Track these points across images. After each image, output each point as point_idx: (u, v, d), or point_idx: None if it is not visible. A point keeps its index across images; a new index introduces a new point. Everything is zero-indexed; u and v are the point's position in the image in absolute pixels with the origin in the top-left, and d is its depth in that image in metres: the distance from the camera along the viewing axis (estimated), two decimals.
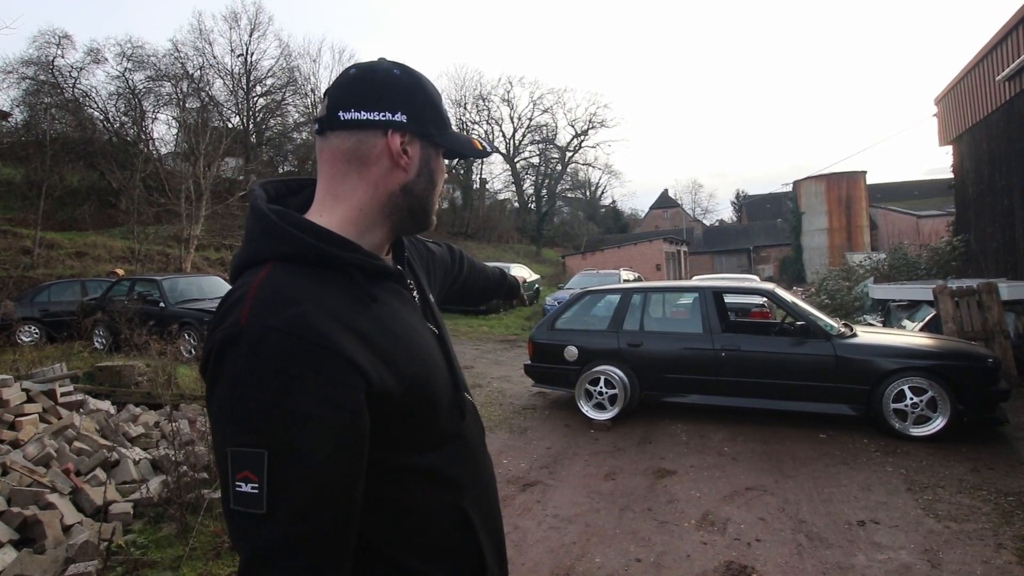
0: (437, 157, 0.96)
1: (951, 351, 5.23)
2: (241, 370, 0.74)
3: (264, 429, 0.72)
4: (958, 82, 12.06)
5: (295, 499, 0.72)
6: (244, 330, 0.75)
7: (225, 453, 0.73)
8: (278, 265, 0.83)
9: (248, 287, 0.80)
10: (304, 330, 0.75)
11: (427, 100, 0.93)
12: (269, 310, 0.76)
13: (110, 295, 10.36)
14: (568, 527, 3.65)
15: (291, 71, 30.61)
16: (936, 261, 12.67)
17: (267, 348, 0.74)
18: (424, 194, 0.95)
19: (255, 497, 0.71)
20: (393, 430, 0.83)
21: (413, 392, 0.85)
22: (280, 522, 0.71)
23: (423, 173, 0.93)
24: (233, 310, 0.78)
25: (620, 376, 5.87)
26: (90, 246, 17.20)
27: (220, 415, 0.75)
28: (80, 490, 3.58)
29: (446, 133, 0.96)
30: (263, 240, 0.85)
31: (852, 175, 31.62)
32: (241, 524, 0.72)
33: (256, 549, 0.71)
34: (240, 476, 0.72)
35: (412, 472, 0.87)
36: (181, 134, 21.99)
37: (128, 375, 6.32)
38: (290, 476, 0.72)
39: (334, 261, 0.85)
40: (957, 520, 3.54)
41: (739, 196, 66.52)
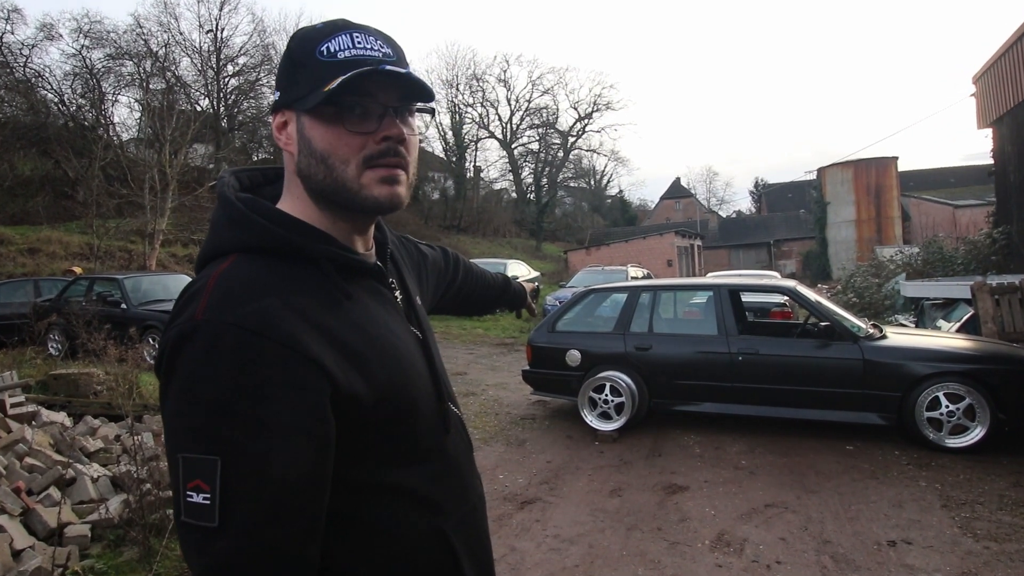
0: (315, 123, 0.85)
1: (991, 354, 5.24)
2: (195, 369, 0.73)
3: (217, 434, 0.71)
4: (999, 58, 12.07)
5: (250, 512, 0.71)
6: (200, 326, 0.74)
7: (176, 460, 0.73)
8: (243, 257, 0.83)
9: (207, 279, 0.79)
10: (264, 327, 0.75)
11: (292, 60, 0.87)
12: (227, 305, 0.76)
13: (66, 296, 10.36)
14: (570, 548, 3.65)
15: (266, 49, 30.63)
16: (974, 255, 12.70)
17: (223, 346, 0.73)
18: (312, 172, 0.86)
19: (207, 509, 0.70)
20: (365, 442, 0.82)
21: (388, 400, 0.85)
22: (233, 537, 0.70)
23: (303, 149, 0.86)
24: (190, 304, 0.78)
25: (627, 383, 5.88)
26: (44, 242, 17.18)
27: (172, 418, 0.75)
28: (32, 511, 3.57)
29: (307, 93, 0.83)
30: (227, 230, 0.85)
31: (882, 161, 31.71)
32: (192, 538, 0.72)
33: (207, 566, 0.70)
34: (191, 485, 0.71)
35: (386, 491, 0.86)
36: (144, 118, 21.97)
37: (86, 384, 6.30)
38: (245, 486, 0.71)
39: (303, 253, 0.85)
40: (998, 540, 3.55)
41: (758, 185, 66.64)
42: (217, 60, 29.03)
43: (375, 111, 0.85)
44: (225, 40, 29.29)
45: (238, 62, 30.02)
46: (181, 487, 0.72)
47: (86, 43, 24.09)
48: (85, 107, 24.31)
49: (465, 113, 41.74)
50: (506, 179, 46.73)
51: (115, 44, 25.14)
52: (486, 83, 43.06)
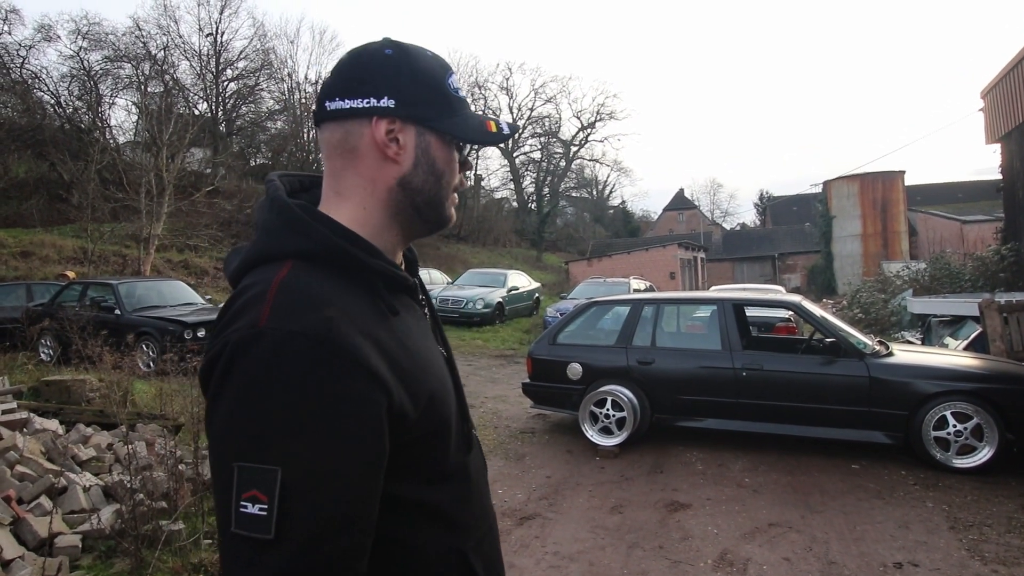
0: (441, 144, 0.93)
1: (999, 373, 5.25)
2: (258, 377, 0.73)
3: (279, 444, 0.72)
4: (1007, 73, 12.16)
5: (308, 524, 0.71)
6: (264, 333, 0.74)
7: (231, 469, 0.72)
8: (300, 264, 0.83)
9: (268, 285, 0.79)
10: (330, 338, 0.75)
11: (422, 80, 0.91)
12: (293, 313, 0.76)
13: (59, 300, 10.35)
14: (570, 566, 3.64)
15: (266, 53, 30.85)
16: (982, 272, 12.73)
17: (289, 355, 0.73)
18: (426, 187, 0.93)
19: (262, 520, 0.70)
20: (403, 458, 0.83)
21: (427, 417, 0.86)
22: (288, 550, 0.70)
23: (421, 164, 0.91)
24: (249, 309, 0.78)
25: (629, 397, 5.88)
26: (37, 245, 17.17)
27: (227, 426, 0.74)
28: (22, 520, 3.56)
29: (448, 117, 0.93)
30: (284, 234, 0.86)
31: (889, 175, 31.77)
32: (242, 552, 0.71)
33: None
34: (247, 495, 0.70)
35: (414, 508, 0.86)
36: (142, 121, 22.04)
37: (78, 391, 6.30)
38: (304, 498, 0.71)
39: (359, 266, 0.86)
40: (1006, 564, 3.54)
41: (763, 197, 66.83)
42: (216, 64, 29.21)
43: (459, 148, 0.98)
44: (225, 44, 29.50)
45: (238, 66, 30.21)
46: (234, 497, 0.71)
47: (84, 45, 24.22)
48: (82, 109, 24.39)
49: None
50: (507, 188, 46.89)
51: (113, 46, 25.29)
52: (488, 91, 43.32)
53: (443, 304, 15.89)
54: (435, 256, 28.27)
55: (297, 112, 31.03)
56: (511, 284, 18.00)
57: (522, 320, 17.65)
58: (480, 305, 15.93)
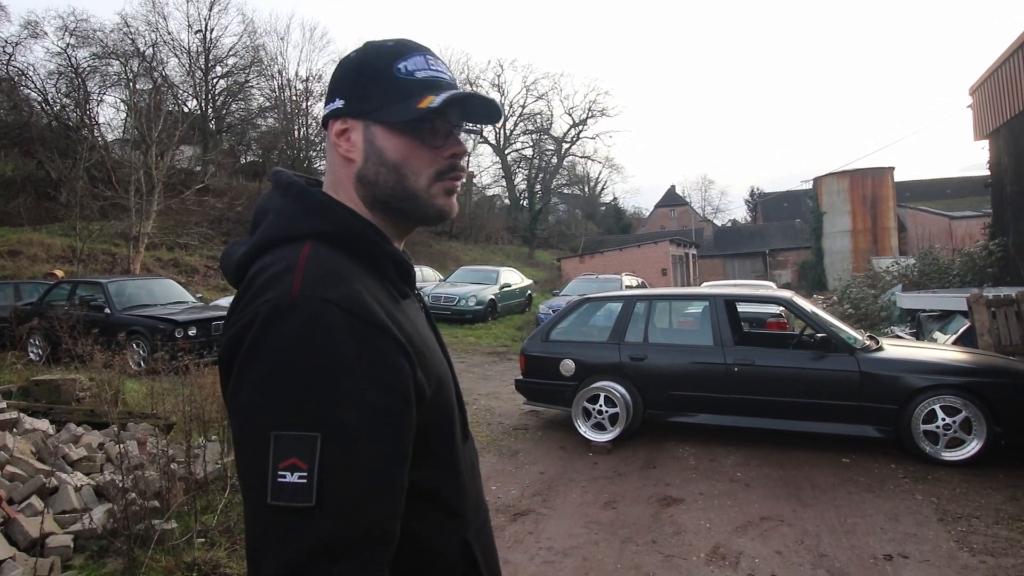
0: (389, 134, 0.91)
1: (987, 367, 5.30)
2: (294, 344, 0.74)
3: (317, 410, 0.72)
4: (996, 70, 12.24)
5: (349, 491, 0.71)
6: (299, 302, 0.76)
7: (266, 439, 0.71)
8: (319, 243, 0.85)
9: (295, 260, 0.81)
10: (362, 308, 0.78)
11: (367, 73, 0.92)
12: (325, 283, 0.78)
13: (48, 299, 10.28)
14: (564, 561, 3.66)
15: (256, 50, 30.70)
16: (971, 267, 12.83)
17: (325, 322, 0.75)
18: (380, 179, 0.91)
19: (302, 488, 0.69)
20: (417, 437, 0.84)
21: (438, 398, 0.88)
22: (330, 517, 0.70)
23: (370, 157, 0.91)
24: (278, 282, 0.79)
25: (622, 393, 5.90)
26: (25, 244, 17.04)
27: (261, 395, 0.74)
28: (13, 520, 3.54)
29: (394, 103, 0.90)
30: (303, 216, 0.88)
31: (879, 171, 31.96)
32: (280, 523, 0.70)
33: (298, 550, 0.69)
34: (286, 464, 0.70)
35: (421, 495, 0.87)
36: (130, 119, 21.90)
37: (68, 390, 6.25)
38: (345, 464, 0.72)
39: (375, 249, 0.88)
40: (994, 554, 3.58)
41: (754, 194, 67.01)
42: (206, 61, 29.04)
43: (443, 129, 0.93)
44: (214, 41, 29.36)
45: (227, 63, 30.08)
46: (271, 467, 0.70)
47: (71, 42, 24.06)
48: (70, 107, 24.21)
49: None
50: (499, 185, 46.88)
51: (101, 43, 25.13)
52: (479, 88, 43.19)
53: (435, 301, 15.88)
54: (427, 253, 28.23)
55: (287, 109, 30.90)
56: (503, 281, 18.00)
57: (514, 317, 17.66)
58: (472, 302, 15.93)
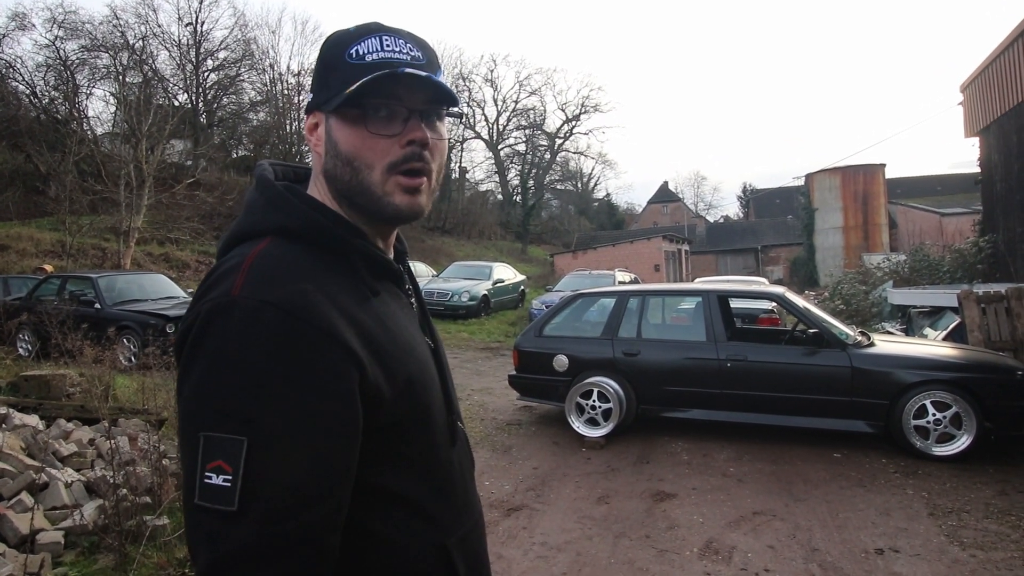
0: (342, 124, 0.86)
1: (977, 363, 5.34)
2: (228, 346, 0.73)
3: (246, 414, 0.71)
4: (986, 67, 12.30)
5: (273, 496, 0.70)
6: (237, 302, 0.74)
7: (197, 439, 0.71)
8: (278, 239, 0.83)
9: (244, 257, 0.80)
10: (302, 310, 0.75)
11: (323, 63, 0.89)
12: (267, 284, 0.76)
13: (37, 294, 10.20)
14: (557, 556, 3.66)
15: (247, 43, 30.45)
16: (961, 263, 12.90)
17: (260, 324, 0.73)
18: (338, 173, 0.87)
19: (226, 491, 0.69)
20: (380, 441, 0.82)
21: (406, 397, 0.84)
22: (253, 522, 0.69)
23: (329, 150, 0.88)
24: (224, 280, 0.78)
25: (615, 388, 5.91)
26: (14, 238, 16.88)
27: (196, 395, 0.73)
28: (2, 517, 3.51)
29: (335, 95, 0.85)
30: (266, 211, 0.86)
31: (870, 168, 32.15)
32: (205, 523, 0.70)
33: (219, 554, 0.68)
34: (211, 466, 0.69)
35: (393, 499, 0.85)
36: (120, 112, 21.68)
37: (58, 386, 6.21)
38: (270, 469, 0.70)
39: (340, 244, 0.86)
40: (984, 548, 3.61)
41: (746, 190, 67.33)
42: (197, 54, 28.77)
43: (400, 114, 0.86)
44: (205, 34, 29.06)
45: (218, 56, 29.80)
46: (199, 467, 0.70)
47: (60, 34, 23.79)
48: (58, 100, 23.96)
49: None
50: (492, 180, 46.84)
51: (90, 35, 24.86)
52: (472, 83, 43.19)
53: (428, 297, 15.85)
54: (420, 249, 28.18)
55: (279, 103, 30.71)
56: (496, 277, 17.99)
57: (508, 312, 17.65)
58: (466, 298, 15.91)
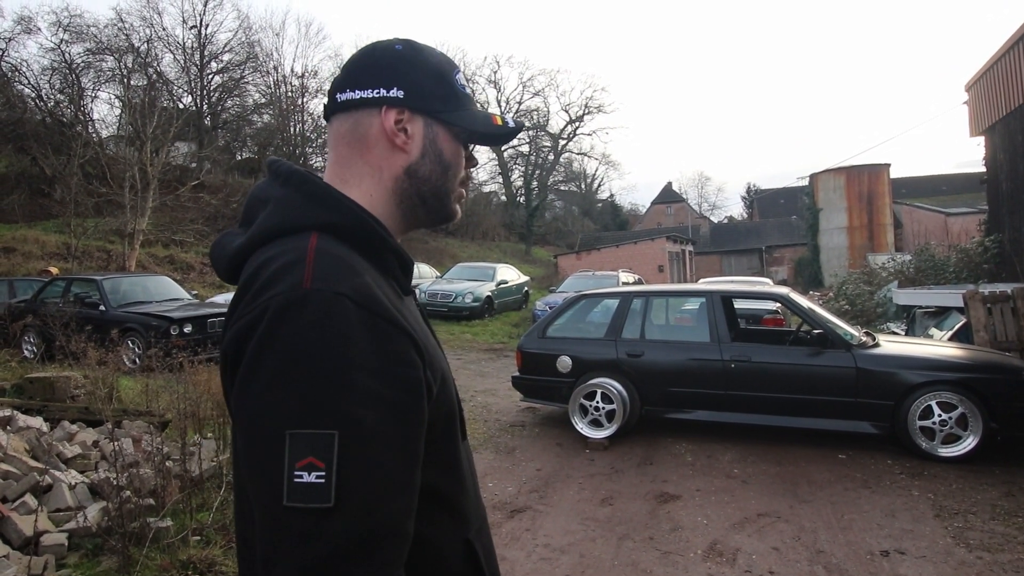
0: (449, 137, 0.95)
1: (983, 363, 5.31)
2: (308, 338, 0.71)
3: (334, 407, 0.69)
4: (991, 66, 12.25)
5: (367, 489, 0.70)
6: (311, 294, 0.73)
7: (282, 437, 0.68)
8: (325, 236, 0.82)
9: (303, 251, 0.78)
10: (373, 302, 0.76)
11: (432, 73, 0.94)
12: (336, 276, 0.76)
13: (42, 296, 10.23)
14: (561, 558, 3.65)
15: (251, 46, 30.49)
16: (966, 263, 12.83)
17: (339, 316, 0.72)
18: (433, 177, 0.94)
19: (320, 488, 0.67)
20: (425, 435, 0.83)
21: (443, 395, 0.86)
22: (349, 517, 0.68)
23: (428, 153, 0.93)
24: (287, 274, 0.76)
25: (618, 390, 5.89)
26: (19, 241, 16.96)
27: (273, 392, 0.70)
28: (6, 519, 3.52)
29: (456, 110, 0.95)
30: (307, 207, 0.85)
31: (874, 168, 32.01)
32: (297, 525, 0.67)
33: (316, 552, 0.66)
34: (302, 464, 0.67)
35: (429, 494, 0.85)
36: (125, 115, 21.78)
37: (63, 388, 6.22)
38: (362, 462, 0.70)
39: (381, 243, 0.87)
40: (990, 550, 3.59)
41: (750, 190, 67.16)
42: (201, 57, 28.85)
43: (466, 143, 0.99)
44: (209, 36, 29.13)
45: (222, 59, 29.84)
46: (287, 467, 0.68)
47: (65, 37, 23.84)
48: (64, 103, 24.01)
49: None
50: (496, 182, 46.74)
51: (95, 39, 24.92)
52: (476, 84, 43.06)
53: (432, 298, 15.86)
54: (424, 250, 28.19)
55: (283, 106, 30.77)
56: (500, 278, 17.98)
57: (511, 314, 17.65)
58: (469, 299, 15.91)
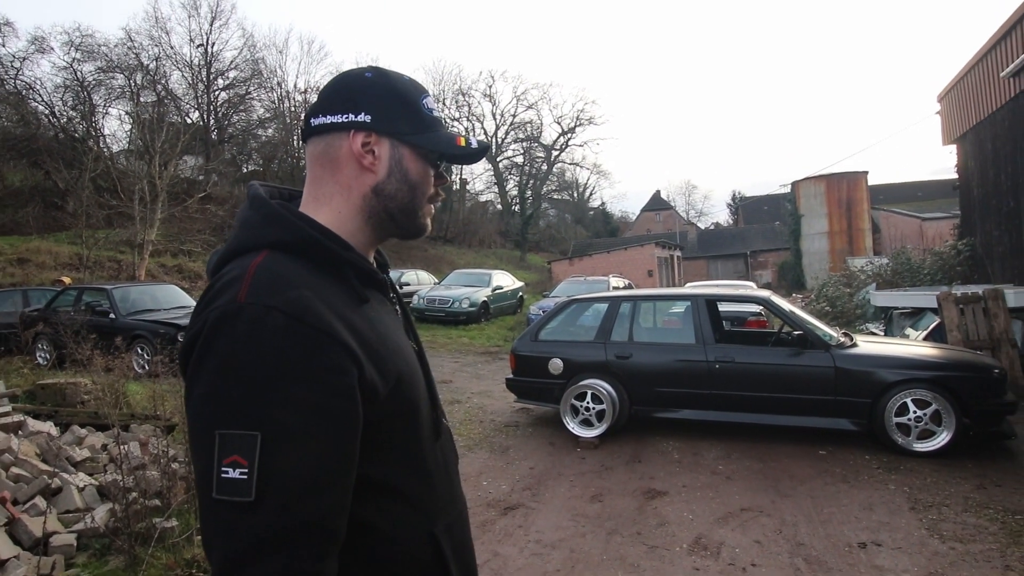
0: (414, 157, 0.97)
1: (956, 361, 5.32)
2: (238, 348, 0.75)
3: (259, 410, 0.73)
4: (961, 78, 12.34)
5: (287, 486, 0.73)
6: (244, 307, 0.77)
7: (212, 437, 0.73)
8: (275, 252, 0.86)
9: (246, 268, 0.83)
10: (304, 313, 0.79)
11: (397, 98, 0.96)
12: (270, 290, 0.79)
13: (55, 305, 10.20)
14: (552, 553, 3.64)
15: (256, 63, 30.62)
16: (941, 266, 12.89)
17: (268, 327, 0.76)
18: (399, 195, 0.96)
19: (243, 484, 0.71)
20: (371, 434, 0.85)
21: (397, 392, 0.88)
22: (268, 511, 0.71)
23: (394, 173, 0.95)
24: (229, 289, 0.80)
25: (608, 390, 5.89)
26: (33, 252, 16.91)
27: (209, 395, 0.76)
28: (17, 520, 3.50)
29: (420, 132, 0.96)
30: (262, 227, 0.89)
31: (853, 175, 32.12)
32: (223, 516, 0.72)
33: (238, 542, 0.71)
34: (228, 460, 0.72)
35: (382, 489, 0.88)
36: (135, 130, 21.75)
37: (73, 393, 6.20)
38: (283, 462, 0.73)
39: (331, 256, 0.89)
40: (963, 541, 3.60)
41: (735, 198, 67.32)
42: (207, 74, 28.89)
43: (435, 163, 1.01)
44: (215, 54, 29.22)
45: (228, 76, 29.95)
46: (216, 464, 0.72)
47: (77, 56, 23.89)
48: (76, 119, 24.03)
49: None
50: (491, 191, 46.85)
51: (106, 57, 24.97)
52: (472, 98, 43.28)
53: (430, 304, 15.84)
54: (422, 257, 28.18)
55: (287, 120, 30.81)
56: (496, 284, 17.97)
57: (506, 318, 17.63)
58: (466, 304, 15.89)
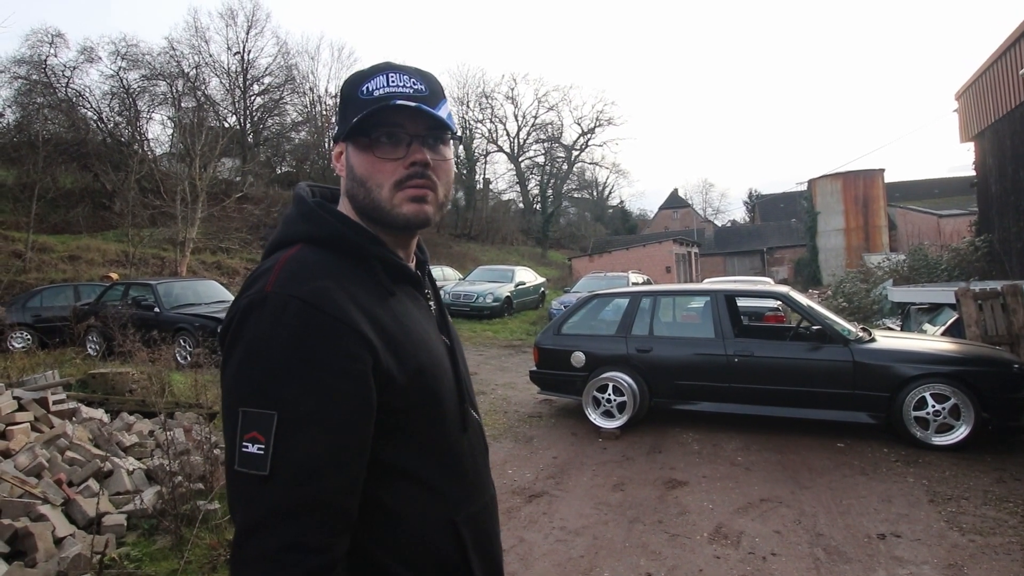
0: (355, 151, 0.93)
1: (974, 356, 5.19)
2: (261, 334, 0.79)
3: (276, 391, 0.77)
4: (980, 75, 12.00)
5: (299, 463, 0.76)
6: (268, 296, 0.81)
7: (236, 413, 0.77)
8: (307, 246, 0.90)
9: (277, 261, 0.87)
10: (323, 302, 0.81)
11: (343, 99, 0.95)
12: (294, 281, 0.83)
13: (103, 300, 10.42)
14: (575, 540, 3.63)
15: (289, 69, 30.90)
16: (958, 262, 12.60)
17: (288, 315, 0.80)
18: (358, 194, 0.94)
19: (260, 458, 0.75)
20: (391, 421, 0.86)
21: (416, 386, 0.89)
22: (281, 485, 0.75)
23: (349, 174, 0.95)
24: (260, 279, 0.86)
25: (629, 383, 5.86)
26: (83, 249, 17.31)
27: (235, 376, 0.80)
28: (72, 501, 3.59)
29: (349, 122, 0.91)
30: (297, 223, 0.93)
31: (870, 173, 31.48)
32: (243, 487, 0.76)
33: (255, 511, 0.74)
34: (248, 436, 0.76)
35: (402, 475, 0.89)
36: (176, 134, 22.13)
37: (121, 382, 6.33)
38: (296, 439, 0.76)
39: (360, 251, 0.91)
40: (982, 534, 3.51)
41: (752, 195, 66.32)
42: (244, 80, 29.25)
43: (403, 140, 0.92)
44: (251, 62, 29.56)
45: (263, 82, 30.25)
46: (238, 438, 0.76)
47: (123, 65, 24.31)
48: (122, 124, 24.48)
49: (475, 129, 41.81)
50: (513, 190, 46.77)
51: (150, 66, 25.37)
52: (495, 100, 43.34)
53: (455, 299, 15.88)
54: (447, 254, 28.28)
55: (319, 123, 31.08)
56: (518, 279, 17.96)
57: (529, 312, 17.62)
58: (490, 299, 15.91)
